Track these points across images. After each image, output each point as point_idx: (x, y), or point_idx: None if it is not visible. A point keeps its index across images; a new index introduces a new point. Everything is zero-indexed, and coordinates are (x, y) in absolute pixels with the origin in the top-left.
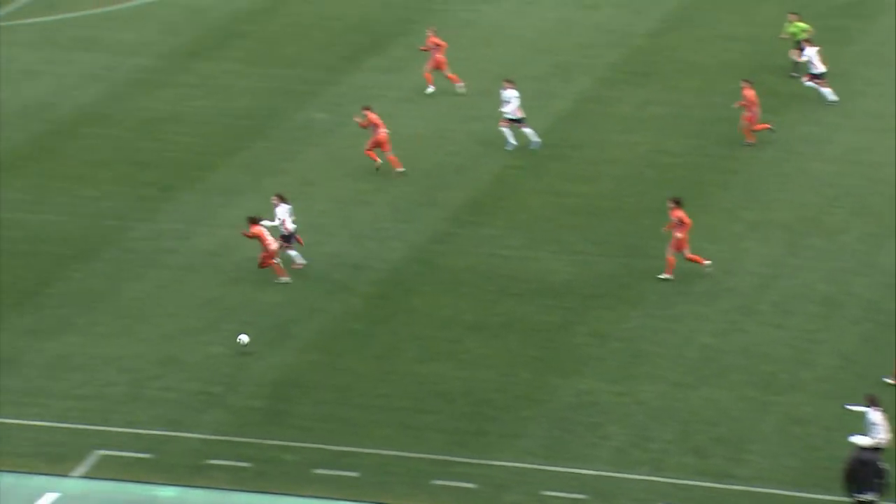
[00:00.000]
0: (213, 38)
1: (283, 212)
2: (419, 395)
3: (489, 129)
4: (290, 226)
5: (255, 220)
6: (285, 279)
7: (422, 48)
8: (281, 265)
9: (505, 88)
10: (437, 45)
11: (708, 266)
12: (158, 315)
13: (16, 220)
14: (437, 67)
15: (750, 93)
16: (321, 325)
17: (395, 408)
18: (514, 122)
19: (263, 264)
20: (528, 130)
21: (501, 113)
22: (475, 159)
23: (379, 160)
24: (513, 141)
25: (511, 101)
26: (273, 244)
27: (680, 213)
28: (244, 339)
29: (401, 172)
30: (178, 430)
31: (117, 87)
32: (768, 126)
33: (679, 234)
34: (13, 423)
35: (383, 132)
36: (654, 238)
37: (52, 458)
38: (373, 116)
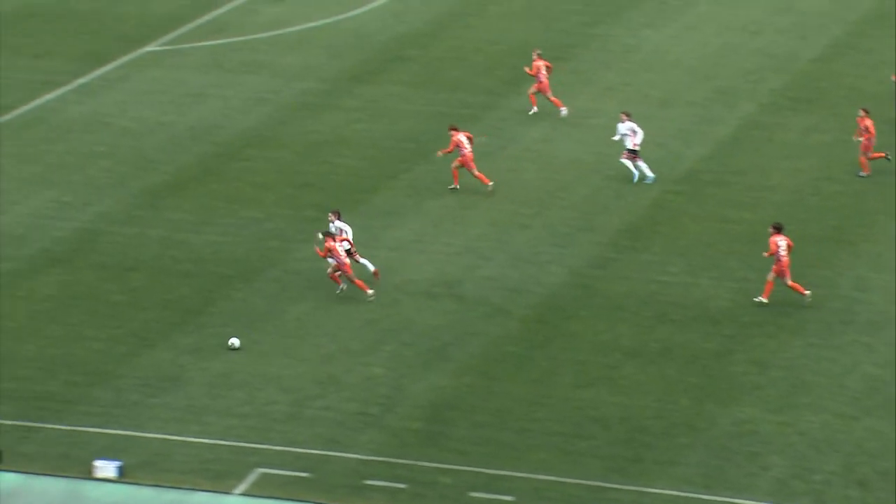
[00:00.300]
0: (377, 62)
1: (338, 228)
2: (576, 420)
3: (648, 155)
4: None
5: (330, 235)
6: (370, 292)
7: (528, 70)
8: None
9: (622, 121)
10: (545, 67)
11: (808, 296)
12: (319, 335)
13: (181, 241)
14: (541, 91)
15: (867, 122)
16: (479, 348)
17: (552, 432)
18: (632, 154)
19: (334, 277)
20: (641, 164)
21: (626, 144)
22: (634, 184)
23: (457, 185)
24: (635, 171)
25: (629, 134)
26: (345, 258)
27: (780, 239)
28: (235, 342)
29: (490, 188)
30: (337, 450)
31: (282, 110)
32: (883, 154)
33: (782, 259)
34: (176, 440)
35: (467, 152)
36: (818, 266)
37: (214, 475)
38: (456, 138)
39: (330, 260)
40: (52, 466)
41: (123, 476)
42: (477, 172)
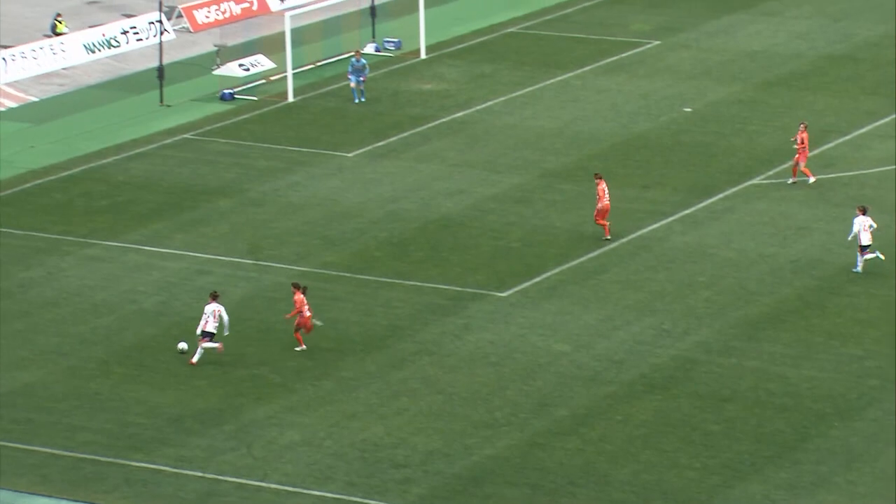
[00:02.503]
0: None
1: None
2: None
3: None
4: None
5: (299, 287)
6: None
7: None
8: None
9: (857, 216)
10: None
11: None
12: None
13: (778, 373)
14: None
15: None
16: None
17: None
18: (862, 249)
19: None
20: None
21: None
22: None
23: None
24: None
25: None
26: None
27: None
28: (183, 346)
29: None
30: None
31: (889, 247)
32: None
33: None
34: None
35: (604, 203)
36: None
37: None
38: (601, 187)
39: None
40: None
41: None
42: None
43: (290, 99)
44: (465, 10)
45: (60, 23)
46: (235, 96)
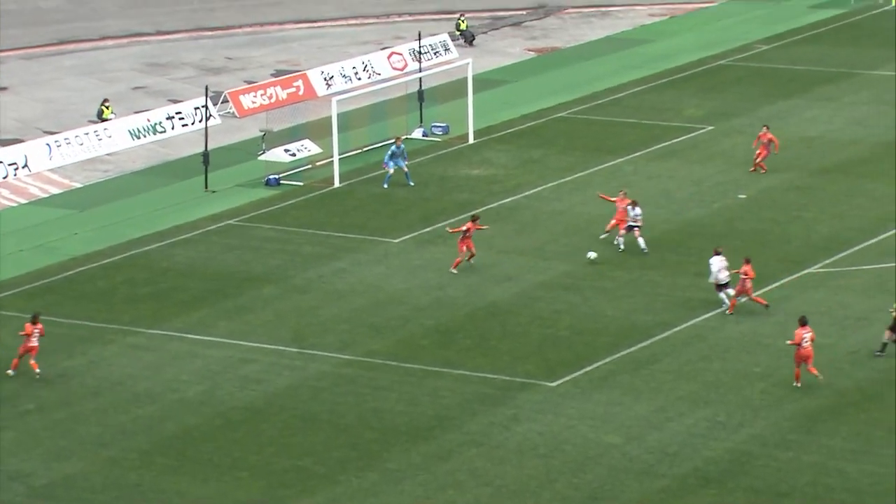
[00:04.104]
0: None
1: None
2: None
3: None
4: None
5: None
6: None
7: None
8: None
9: None
10: None
11: None
12: None
13: (837, 468)
14: None
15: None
16: None
17: None
18: None
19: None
20: None
21: None
22: None
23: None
24: None
25: None
26: None
27: None
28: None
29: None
30: None
31: None
32: None
33: None
34: None
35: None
36: None
37: None
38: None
39: None
40: None
41: None
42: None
43: (336, 184)
44: (514, 94)
45: (107, 108)
46: (281, 182)
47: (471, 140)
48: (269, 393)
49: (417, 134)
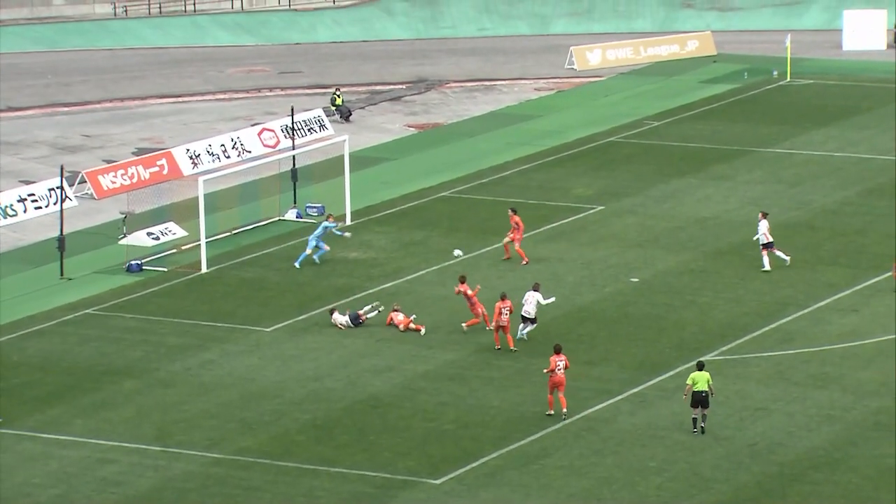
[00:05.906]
0: None
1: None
2: None
3: None
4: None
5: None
6: None
7: None
8: None
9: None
10: None
11: None
12: None
13: None
14: None
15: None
16: None
17: None
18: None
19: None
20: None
21: None
22: None
23: None
24: None
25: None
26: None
27: None
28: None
29: None
30: None
31: (852, 429)
32: None
33: None
34: None
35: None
36: None
37: None
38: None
39: None
40: None
41: None
42: None
43: (204, 269)
44: (394, 173)
45: None
46: (143, 267)
47: (348, 221)
48: (130, 496)
49: (291, 215)
